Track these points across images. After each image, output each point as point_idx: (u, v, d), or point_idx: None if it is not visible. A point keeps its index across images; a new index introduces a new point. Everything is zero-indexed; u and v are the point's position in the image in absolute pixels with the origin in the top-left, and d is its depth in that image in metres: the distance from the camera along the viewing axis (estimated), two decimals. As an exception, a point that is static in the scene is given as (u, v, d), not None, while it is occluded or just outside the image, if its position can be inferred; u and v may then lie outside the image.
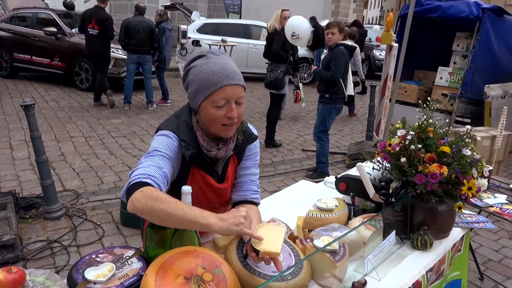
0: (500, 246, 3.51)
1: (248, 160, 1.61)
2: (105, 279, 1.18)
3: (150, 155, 1.35)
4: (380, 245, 1.51)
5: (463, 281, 2.08)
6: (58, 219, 3.46)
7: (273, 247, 1.20)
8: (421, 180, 1.55)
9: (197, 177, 1.48)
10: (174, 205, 1.20)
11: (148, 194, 1.21)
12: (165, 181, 1.32)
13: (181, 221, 1.21)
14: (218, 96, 1.37)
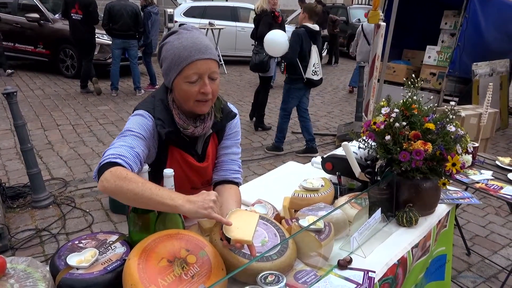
0: (487, 222, 3.57)
1: (229, 139, 1.60)
2: (87, 265, 1.17)
3: (123, 135, 1.34)
4: (366, 223, 1.51)
5: (448, 256, 2.11)
6: (46, 207, 3.44)
7: (244, 234, 1.18)
8: (405, 158, 1.55)
9: (176, 157, 1.47)
10: (142, 185, 1.19)
11: (117, 174, 1.20)
12: (137, 161, 1.30)
13: (148, 202, 1.19)
14: (190, 71, 1.34)
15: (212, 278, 1.13)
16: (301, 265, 1.38)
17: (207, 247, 1.23)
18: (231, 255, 1.25)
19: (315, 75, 4.66)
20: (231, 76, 9.84)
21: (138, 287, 1.05)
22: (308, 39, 4.56)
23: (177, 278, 1.10)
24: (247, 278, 1.23)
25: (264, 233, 1.37)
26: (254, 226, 1.21)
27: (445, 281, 2.11)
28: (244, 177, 4.18)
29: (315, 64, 4.63)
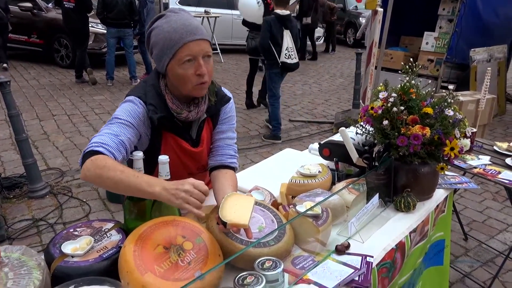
0: (484, 207, 3.58)
1: (224, 124, 1.58)
2: (83, 252, 1.16)
3: (110, 123, 1.33)
4: (364, 208, 1.50)
5: (447, 241, 2.11)
6: (42, 197, 3.42)
7: (240, 218, 1.16)
8: (403, 142, 1.53)
9: (170, 142, 1.45)
10: (120, 173, 1.17)
11: (97, 163, 1.20)
12: (121, 149, 1.29)
13: (127, 189, 1.18)
14: (183, 54, 1.31)
15: (208, 264, 1.12)
16: (298, 250, 1.37)
17: (204, 234, 1.22)
18: (228, 241, 1.24)
19: (289, 58, 4.78)
20: (227, 64, 9.77)
21: (134, 274, 1.04)
22: (278, 25, 4.68)
23: (173, 264, 1.09)
24: (244, 264, 1.22)
25: (261, 219, 1.36)
26: (250, 210, 1.19)
27: (443, 266, 2.12)
28: (242, 165, 4.18)
29: (288, 48, 4.75)
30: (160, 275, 1.05)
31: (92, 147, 1.25)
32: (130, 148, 1.33)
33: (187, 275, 1.08)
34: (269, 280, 1.14)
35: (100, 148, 1.25)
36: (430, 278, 2.04)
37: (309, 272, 1.25)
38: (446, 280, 2.18)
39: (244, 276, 1.13)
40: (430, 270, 2.06)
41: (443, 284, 2.17)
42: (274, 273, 1.15)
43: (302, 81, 8.49)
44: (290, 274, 1.24)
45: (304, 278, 1.22)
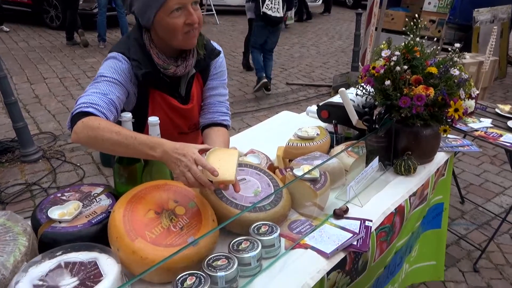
0: (482, 171, 3.56)
1: (215, 80, 1.50)
2: (70, 218, 1.11)
3: (95, 82, 1.25)
4: (363, 172, 1.45)
5: (445, 204, 2.09)
6: (35, 162, 3.37)
7: (226, 174, 1.08)
8: (406, 103, 1.46)
9: (158, 100, 1.37)
10: (117, 134, 1.10)
11: (89, 124, 1.13)
12: (112, 108, 1.22)
13: (125, 151, 1.13)
14: (172, 2, 1.21)
15: (202, 229, 1.08)
16: (295, 215, 1.33)
17: (197, 198, 1.17)
18: (222, 205, 1.19)
19: (270, 10, 4.83)
20: (223, 26, 9.49)
21: (124, 240, 1.00)
22: None
23: (165, 230, 1.05)
24: (240, 229, 1.18)
25: (257, 183, 1.31)
26: (235, 164, 1.12)
27: (441, 229, 2.10)
28: (237, 129, 4.11)
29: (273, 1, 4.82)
30: (151, 241, 1.01)
31: (81, 108, 1.18)
32: (120, 107, 1.26)
33: (179, 241, 1.04)
34: (265, 245, 1.11)
35: (90, 108, 1.18)
36: (427, 241, 2.03)
37: (306, 236, 1.21)
38: (443, 243, 2.18)
39: (239, 241, 1.10)
40: (427, 234, 2.05)
41: (439, 247, 2.16)
42: (270, 238, 1.11)
43: (300, 43, 8.28)
44: (287, 239, 1.20)
45: (301, 243, 1.18)
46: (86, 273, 0.96)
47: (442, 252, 2.17)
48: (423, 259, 2.07)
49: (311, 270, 1.08)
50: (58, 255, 1.01)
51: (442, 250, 2.18)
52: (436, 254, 2.14)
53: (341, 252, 1.16)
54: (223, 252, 1.05)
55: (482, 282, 2.33)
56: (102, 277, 0.95)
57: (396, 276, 1.73)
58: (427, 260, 2.13)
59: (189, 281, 0.95)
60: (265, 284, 1.03)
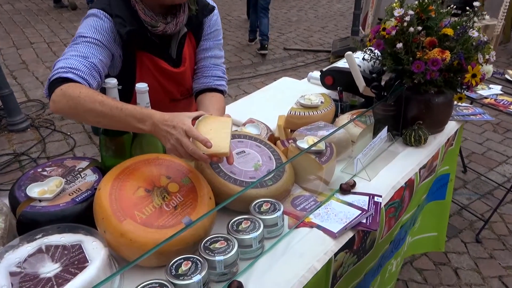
0: (484, 139, 3.48)
1: (209, 40, 1.36)
2: (52, 196, 1.00)
3: (74, 43, 1.10)
4: (371, 143, 1.35)
5: (451, 175, 2.01)
6: (23, 131, 3.23)
7: (219, 145, 0.97)
8: (419, 68, 1.34)
9: (146, 64, 1.24)
10: (100, 105, 0.98)
11: (69, 93, 1.00)
12: (94, 73, 1.09)
13: (110, 124, 1.01)
14: None
15: (198, 209, 0.98)
16: (299, 190, 1.23)
17: (192, 173, 1.06)
18: (220, 181, 1.09)
19: None
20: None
21: (111, 222, 0.90)
22: None
23: (157, 209, 0.95)
24: (239, 207, 1.09)
25: (257, 156, 1.20)
26: (229, 133, 1.00)
27: (445, 200, 2.03)
28: (234, 96, 3.97)
29: None
30: (142, 222, 0.91)
31: (59, 74, 1.05)
32: (104, 72, 1.13)
33: (173, 221, 0.94)
34: (267, 225, 1.01)
35: (69, 74, 1.04)
36: (430, 213, 1.96)
37: (311, 214, 1.12)
38: (446, 214, 2.11)
39: (239, 220, 1.00)
40: (431, 205, 1.97)
41: (442, 218, 2.10)
42: (273, 217, 1.01)
43: (298, 6, 7.97)
44: (290, 217, 1.11)
45: (306, 221, 1.09)
46: (70, 258, 0.87)
47: (444, 224, 2.10)
48: (425, 231, 2.00)
49: (318, 251, 0.99)
50: (38, 238, 0.91)
51: (445, 221, 2.11)
52: (438, 226, 2.08)
53: (349, 231, 1.07)
54: (221, 233, 0.95)
55: (485, 253, 2.29)
56: (87, 263, 0.86)
57: (399, 250, 1.67)
58: (429, 232, 2.07)
59: (184, 266, 0.86)
60: (267, 268, 0.94)
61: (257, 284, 0.90)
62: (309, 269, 0.94)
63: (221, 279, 0.90)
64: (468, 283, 2.10)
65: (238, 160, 1.16)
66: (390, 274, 1.68)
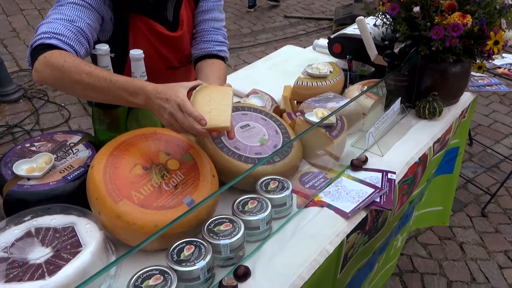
0: (491, 111, 3.39)
1: (209, 1, 1.25)
2: (41, 174, 0.92)
3: (59, 4, 1.00)
4: (384, 115, 1.26)
5: (461, 149, 1.93)
6: (16, 102, 3.12)
7: (219, 118, 0.87)
8: (438, 34, 1.23)
9: (140, 28, 1.13)
10: (88, 76, 0.89)
11: (53, 61, 0.90)
12: (81, 39, 0.99)
13: (99, 97, 0.93)
14: None
15: (200, 188, 0.90)
16: (307, 166, 1.16)
17: (193, 149, 0.98)
18: (223, 157, 1.00)
19: None
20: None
21: (106, 203, 0.82)
22: None
23: (156, 189, 0.87)
24: (243, 185, 1.01)
25: (263, 130, 1.12)
26: (230, 105, 0.91)
27: (453, 174, 1.96)
28: (234, 66, 3.84)
29: None
30: (139, 202, 0.84)
31: (42, 40, 0.94)
32: (93, 38, 1.02)
33: (173, 202, 0.86)
34: (275, 205, 0.94)
35: (53, 40, 0.94)
36: (436, 187, 1.90)
37: (321, 192, 1.05)
38: (453, 188, 2.05)
39: (245, 200, 0.92)
40: (438, 179, 1.90)
41: (449, 192, 2.04)
42: (282, 196, 0.94)
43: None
44: (299, 195, 1.04)
45: (316, 200, 1.02)
46: (62, 242, 0.80)
47: (450, 198, 2.04)
48: (430, 205, 1.95)
49: (329, 233, 0.92)
50: (26, 220, 0.84)
51: (451, 195, 2.05)
52: (444, 200, 2.02)
53: (362, 210, 1.00)
54: (226, 215, 0.88)
55: (490, 227, 2.25)
56: (81, 248, 0.79)
57: (406, 226, 1.62)
58: (434, 206, 2.01)
59: (186, 251, 0.79)
60: (275, 252, 0.87)
61: (265, 269, 0.83)
62: (320, 252, 0.88)
63: (227, 264, 0.84)
64: (473, 258, 2.06)
65: (243, 135, 1.08)
66: (395, 249, 1.64)
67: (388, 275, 1.72)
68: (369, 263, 1.33)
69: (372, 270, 1.40)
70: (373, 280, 1.50)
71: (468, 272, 1.99)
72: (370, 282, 1.46)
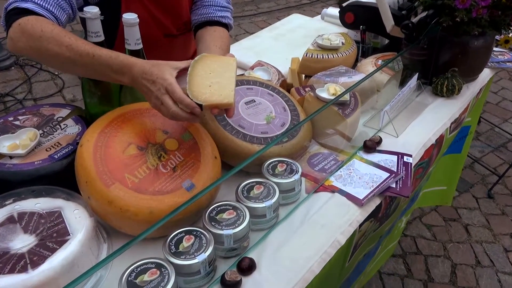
0: (500, 88, 3.28)
1: None
2: (24, 152, 0.83)
3: None
4: (400, 93, 1.16)
5: (472, 128, 1.85)
6: (7, 69, 2.99)
7: (221, 94, 0.77)
8: (464, 3, 1.12)
9: None
10: (68, 49, 0.79)
11: (29, 30, 0.81)
12: (63, 3, 0.89)
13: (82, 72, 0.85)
14: None
15: (201, 170, 0.82)
16: (316, 146, 1.07)
17: (193, 127, 0.88)
18: (226, 137, 0.92)
19: None
20: None
21: (96, 186, 0.74)
22: None
23: (152, 171, 0.78)
24: (247, 167, 0.90)
25: (270, 107, 1.02)
26: (233, 78, 0.81)
27: (461, 154, 1.88)
28: (234, 36, 3.69)
29: None
30: (134, 186, 0.75)
31: (17, 3, 0.84)
32: (77, 2, 0.91)
33: (171, 186, 0.78)
34: (283, 190, 0.86)
35: (29, 4, 0.84)
36: (443, 166, 1.81)
37: (331, 176, 0.96)
38: (460, 168, 1.97)
39: (250, 185, 0.84)
40: (445, 158, 1.82)
41: (455, 172, 1.96)
42: (290, 181, 0.86)
43: None
44: (307, 179, 0.95)
45: (326, 185, 0.94)
46: (47, 230, 0.72)
47: (456, 178, 1.97)
48: (435, 184, 1.87)
49: (341, 222, 0.85)
50: (8, 204, 0.76)
51: (457, 175, 1.98)
52: (449, 179, 1.95)
53: (376, 197, 0.92)
54: (229, 201, 0.80)
55: (497, 209, 2.19)
56: (68, 236, 0.71)
57: (411, 207, 1.55)
58: (439, 185, 1.94)
59: (185, 242, 0.71)
60: (283, 242, 0.80)
61: (271, 261, 0.76)
62: (332, 244, 0.80)
63: (230, 255, 0.77)
64: (478, 240, 2.02)
65: (248, 111, 0.98)
66: (398, 230, 1.59)
67: (389, 254, 1.68)
68: (375, 247, 1.27)
69: (376, 253, 1.35)
70: (375, 261, 1.45)
71: (473, 255, 1.94)
72: (371, 263, 1.41)
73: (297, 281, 0.73)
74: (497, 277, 1.84)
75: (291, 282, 0.73)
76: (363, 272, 1.31)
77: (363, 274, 1.33)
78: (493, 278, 1.83)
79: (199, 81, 0.78)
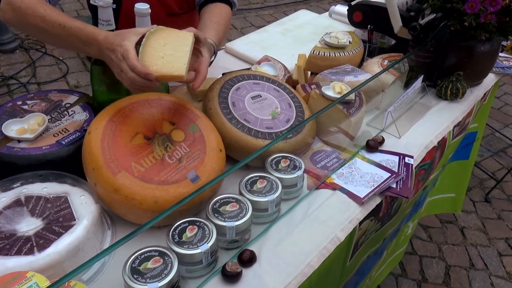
0: (502, 93, 3.29)
1: None
2: (33, 136, 0.84)
3: None
4: (404, 94, 1.17)
5: (479, 133, 1.85)
6: (12, 52, 2.99)
7: (173, 66, 0.78)
8: (473, 8, 1.13)
9: None
10: (42, 20, 0.84)
11: (12, 1, 0.86)
12: None
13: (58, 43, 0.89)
14: None
15: (206, 162, 0.83)
16: (319, 143, 1.08)
17: (200, 120, 0.90)
18: (231, 130, 0.93)
19: None
20: None
21: (103, 173, 0.75)
22: None
23: (158, 161, 0.80)
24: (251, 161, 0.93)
25: (276, 102, 1.03)
26: (188, 52, 0.81)
27: (469, 160, 1.87)
28: (240, 29, 3.68)
29: None
30: (140, 175, 0.76)
31: None
32: None
33: (176, 176, 0.79)
34: (285, 185, 0.87)
35: None
36: (451, 173, 1.81)
37: (333, 173, 0.98)
38: (468, 175, 1.95)
39: (253, 179, 0.85)
40: (453, 164, 1.82)
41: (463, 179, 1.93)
42: (293, 177, 0.87)
43: None
44: (309, 176, 0.97)
45: (328, 182, 0.95)
46: (53, 214, 0.73)
47: (464, 185, 1.95)
48: (443, 191, 1.88)
49: (341, 219, 0.86)
50: (15, 187, 0.77)
51: (465, 182, 1.96)
52: (457, 186, 1.93)
53: (377, 196, 0.94)
54: (232, 194, 0.81)
55: (493, 213, 2.21)
56: (74, 221, 0.72)
57: (418, 212, 1.56)
58: (447, 192, 1.93)
59: (189, 232, 0.72)
60: (283, 236, 0.81)
61: (271, 254, 0.78)
62: (331, 240, 0.82)
63: (231, 247, 0.78)
64: (473, 243, 2.04)
65: (254, 106, 0.99)
66: (405, 236, 1.59)
67: (397, 260, 1.67)
68: (379, 250, 1.28)
69: (381, 257, 1.36)
70: (381, 267, 1.47)
71: (467, 257, 1.96)
72: (378, 269, 1.43)
73: (296, 275, 0.75)
74: (490, 280, 1.86)
75: (290, 276, 0.74)
76: (368, 275, 1.32)
77: (369, 277, 1.34)
78: (486, 281, 1.86)
79: (152, 52, 0.79)
